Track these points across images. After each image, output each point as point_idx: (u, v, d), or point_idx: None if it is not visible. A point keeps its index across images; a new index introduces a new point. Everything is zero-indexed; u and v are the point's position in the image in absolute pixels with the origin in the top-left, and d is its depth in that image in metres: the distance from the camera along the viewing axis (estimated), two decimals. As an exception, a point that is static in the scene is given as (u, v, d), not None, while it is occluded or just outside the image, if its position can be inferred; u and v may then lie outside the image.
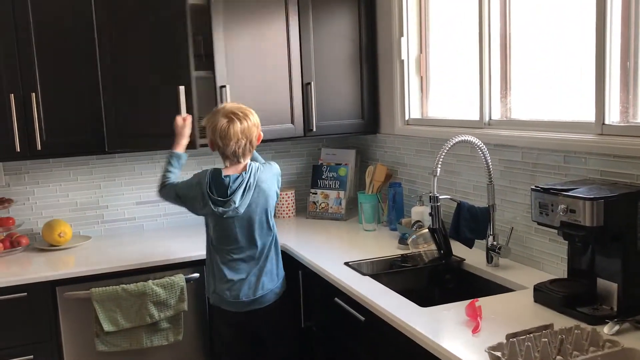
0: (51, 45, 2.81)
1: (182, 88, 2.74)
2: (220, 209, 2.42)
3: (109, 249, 3.00)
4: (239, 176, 2.45)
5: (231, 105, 2.52)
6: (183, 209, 2.58)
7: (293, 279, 2.75)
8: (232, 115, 2.45)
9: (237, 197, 2.42)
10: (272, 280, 2.56)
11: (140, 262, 2.73)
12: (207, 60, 2.98)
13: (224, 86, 2.93)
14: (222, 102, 2.88)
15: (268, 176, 2.53)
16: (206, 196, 2.43)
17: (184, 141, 2.64)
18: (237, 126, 2.44)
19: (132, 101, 2.87)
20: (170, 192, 2.55)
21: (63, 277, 2.63)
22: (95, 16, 2.84)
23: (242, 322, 2.57)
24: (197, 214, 2.55)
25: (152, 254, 2.83)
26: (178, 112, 2.72)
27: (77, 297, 2.62)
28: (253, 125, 2.49)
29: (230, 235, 2.48)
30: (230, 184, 2.43)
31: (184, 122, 2.66)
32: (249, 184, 2.45)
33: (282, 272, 2.62)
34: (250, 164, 2.50)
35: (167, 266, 2.75)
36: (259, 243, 2.51)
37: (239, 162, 2.49)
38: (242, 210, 2.44)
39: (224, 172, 2.47)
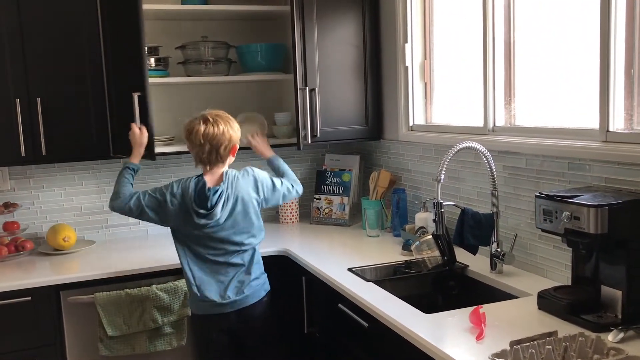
0: (57, 50, 2.82)
1: (136, 95, 2.70)
2: (203, 220, 2.39)
3: (113, 253, 3.01)
4: (218, 188, 2.41)
5: (211, 111, 2.47)
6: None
7: (296, 285, 2.75)
8: (202, 120, 2.42)
9: (219, 209, 2.39)
10: (257, 281, 2.53)
11: (144, 267, 2.74)
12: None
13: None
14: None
15: (245, 184, 2.49)
16: (190, 208, 2.39)
17: (142, 151, 2.65)
18: (201, 130, 2.39)
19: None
20: (133, 202, 2.44)
21: (67, 281, 2.63)
22: (100, 22, 2.86)
23: (231, 327, 2.52)
24: (167, 224, 2.48)
25: (156, 259, 2.83)
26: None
27: (81, 301, 2.63)
28: (222, 134, 2.40)
29: (214, 241, 2.45)
30: (211, 196, 2.39)
31: (141, 132, 2.66)
32: (227, 195, 2.42)
33: (264, 274, 2.60)
34: (227, 173, 2.46)
35: (171, 271, 2.75)
36: (243, 247, 2.49)
37: (206, 169, 2.45)
38: (222, 220, 2.41)
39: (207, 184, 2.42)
